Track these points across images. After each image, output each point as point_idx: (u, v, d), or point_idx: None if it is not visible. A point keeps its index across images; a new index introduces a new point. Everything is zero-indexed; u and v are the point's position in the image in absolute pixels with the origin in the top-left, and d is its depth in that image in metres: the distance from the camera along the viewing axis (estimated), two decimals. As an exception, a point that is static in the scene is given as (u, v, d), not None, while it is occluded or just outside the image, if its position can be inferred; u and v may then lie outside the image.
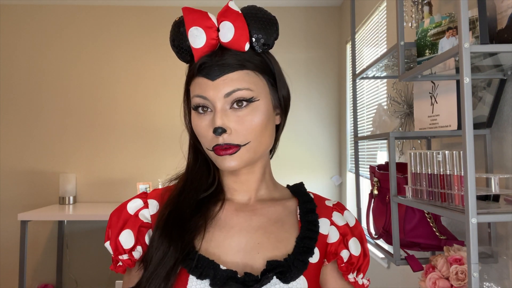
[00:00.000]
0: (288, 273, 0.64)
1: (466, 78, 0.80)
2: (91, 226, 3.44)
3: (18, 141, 3.48)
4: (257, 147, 0.68)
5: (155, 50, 3.56)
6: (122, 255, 0.69)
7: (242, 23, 0.67)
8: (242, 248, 0.68)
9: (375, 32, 2.54)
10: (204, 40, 0.66)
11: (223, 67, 0.66)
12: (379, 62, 1.40)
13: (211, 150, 0.67)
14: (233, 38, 0.66)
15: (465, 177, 0.81)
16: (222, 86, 0.65)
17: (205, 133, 0.67)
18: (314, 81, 3.61)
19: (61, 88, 3.52)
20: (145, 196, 0.74)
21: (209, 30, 0.66)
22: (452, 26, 1.03)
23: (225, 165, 0.66)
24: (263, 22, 0.68)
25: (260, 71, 0.68)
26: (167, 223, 0.68)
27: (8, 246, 3.40)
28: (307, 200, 0.75)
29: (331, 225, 0.73)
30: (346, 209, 0.78)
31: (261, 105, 0.67)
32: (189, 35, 0.67)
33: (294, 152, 3.47)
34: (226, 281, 0.62)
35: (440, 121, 1.25)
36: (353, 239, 0.72)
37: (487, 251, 1.17)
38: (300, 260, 0.66)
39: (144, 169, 3.48)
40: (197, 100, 0.67)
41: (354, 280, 0.72)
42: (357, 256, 0.71)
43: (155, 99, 3.54)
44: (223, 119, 0.65)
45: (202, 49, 0.67)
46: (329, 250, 0.71)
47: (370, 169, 1.53)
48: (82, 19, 3.57)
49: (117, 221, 0.70)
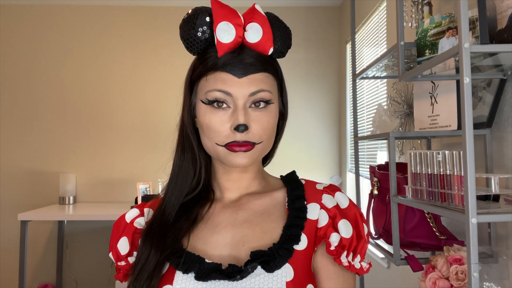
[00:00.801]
0: (272, 261, 0.64)
1: (466, 78, 0.80)
2: (91, 226, 3.44)
3: (18, 141, 3.48)
4: (265, 147, 0.70)
5: (155, 50, 3.56)
6: (120, 262, 0.73)
7: (269, 28, 0.69)
8: (228, 242, 0.69)
9: (375, 32, 2.54)
10: (233, 37, 0.67)
11: (248, 67, 0.67)
12: (379, 62, 1.40)
13: (222, 146, 0.67)
14: (260, 40, 0.68)
15: (465, 177, 0.81)
16: (247, 85, 0.67)
17: (219, 128, 0.67)
18: (314, 81, 3.61)
19: (61, 88, 3.52)
20: (142, 205, 0.78)
21: (238, 28, 0.68)
22: (452, 26, 1.03)
23: (237, 161, 0.67)
24: (283, 31, 0.71)
25: (275, 76, 0.71)
26: (150, 229, 0.71)
27: (8, 246, 3.40)
28: (295, 187, 0.74)
29: (321, 208, 0.71)
30: (339, 190, 0.74)
31: (274, 108, 0.70)
32: (218, 29, 0.67)
33: (294, 152, 3.47)
34: (210, 273, 0.63)
35: (440, 121, 1.25)
36: (343, 221, 0.69)
37: (487, 251, 1.17)
38: (285, 248, 0.66)
39: (144, 169, 3.48)
40: (217, 94, 0.67)
41: (348, 264, 0.68)
42: (348, 238, 0.68)
43: (155, 99, 3.54)
44: (245, 116, 0.66)
45: (228, 45, 0.67)
46: (318, 235, 0.69)
47: (370, 169, 1.53)
48: (82, 19, 3.57)
49: (117, 231, 0.75)
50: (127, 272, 0.73)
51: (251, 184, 0.75)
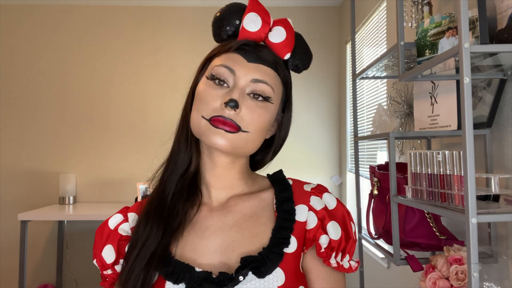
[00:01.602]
0: (263, 266, 0.63)
1: (466, 78, 0.80)
2: (91, 226, 3.44)
3: (18, 141, 3.48)
4: (250, 140, 0.67)
5: (155, 50, 3.56)
6: (106, 270, 0.71)
7: (292, 36, 0.73)
8: (218, 248, 0.67)
9: (375, 32, 2.54)
10: (258, 28, 0.71)
11: (261, 57, 0.69)
12: (379, 62, 1.40)
13: (206, 119, 0.66)
14: (281, 42, 0.72)
15: (465, 177, 0.81)
16: (254, 70, 0.68)
17: (210, 101, 0.66)
18: (314, 81, 3.61)
19: (60, 88, 3.52)
20: (126, 210, 0.76)
21: (265, 25, 0.71)
22: (452, 26, 1.03)
23: (216, 140, 0.65)
24: (304, 49, 0.76)
25: (284, 82, 0.73)
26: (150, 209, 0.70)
27: (8, 246, 3.40)
28: (283, 188, 0.73)
29: (309, 210, 0.70)
30: (326, 191, 0.74)
31: (271, 109, 0.70)
32: (247, 17, 0.71)
33: (294, 152, 3.46)
34: (201, 283, 0.62)
35: (440, 121, 1.25)
36: (332, 223, 0.69)
37: (487, 251, 1.17)
38: (275, 252, 0.65)
39: (144, 169, 3.47)
40: (221, 70, 0.68)
41: (337, 265, 0.68)
42: (337, 240, 0.68)
43: (155, 99, 3.54)
44: (240, 97, 0.66)
45: (250, 34, 0.71)
46: (307, 237, 0.69)
47: (370, 169, 1.53)
48: (81, 19, 3.57)
49: (100, 237, 0.73)
50: (114, 281, 0.71)
51: (237, 183, 0.74)
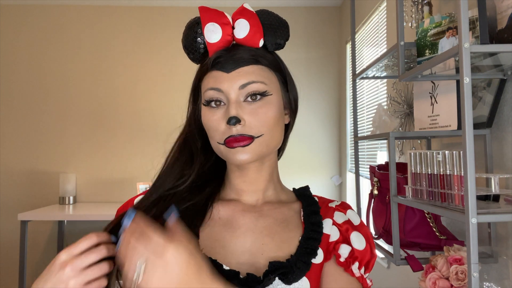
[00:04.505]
0: (290, 274, 0.64)
1: (466, 78, 0.80)
2: (91, 226, 3.43)
3: (18, 141, 3.48)
4: (269, 140, 0.68)
5: (156, 50, 3.56)
6: None
7: (257, 21, 0.69)
8: (247, 249, 0.68)
9: (375, 32, 2.54)
10: (220, 35, 0.68)
11: (238, 61, 0.67)
12: (379, 62, 1.40)
13: (222, 144, 0.67)
14: (248, 34, 0.68)
15: (465, 177, 0.81)
16: (237, 78, 0.66)
17: (217, 126, 0.67)
18: (314, 81, 3.61)
19: (61, 88, 3.52)
20: None
21: (225, 27, 0.69)
22: (452, 26, 1.03)
23: (238, 158, 0.66)
24: (275, 23, 0.71)
25: (272, 68, 0.70)
26: None
27: (8, 246, 3.40)
28: (311, 202, 0.75)
29: (333, 224, 0.72)
30: (350, 208, 0.76)
31: (274, 100, 0.69)
32: (205, 30, 0.68)
33: (294, 152, 3.46)
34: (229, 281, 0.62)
35: (440, 121, 1.25)
36: (355, 233, 0.70)
37: (487, 251, 1.17)
38: (303, 261, 0.66)
39: (144, 169, 3.47)
40: (210, 93, 0.67)
41: (360, 275, 0.68)
42: (361, 250, 0.69)
43: (155, 99, 3.54)
44: (238, 110, 0.65)
45: (217, 44, 0.69)
46: (329, 249, 0.70)
47: (370, 169, 1.53)
48: (82, 19, 3.57)
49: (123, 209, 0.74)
50: None
51: (267, 187, 0.74)
